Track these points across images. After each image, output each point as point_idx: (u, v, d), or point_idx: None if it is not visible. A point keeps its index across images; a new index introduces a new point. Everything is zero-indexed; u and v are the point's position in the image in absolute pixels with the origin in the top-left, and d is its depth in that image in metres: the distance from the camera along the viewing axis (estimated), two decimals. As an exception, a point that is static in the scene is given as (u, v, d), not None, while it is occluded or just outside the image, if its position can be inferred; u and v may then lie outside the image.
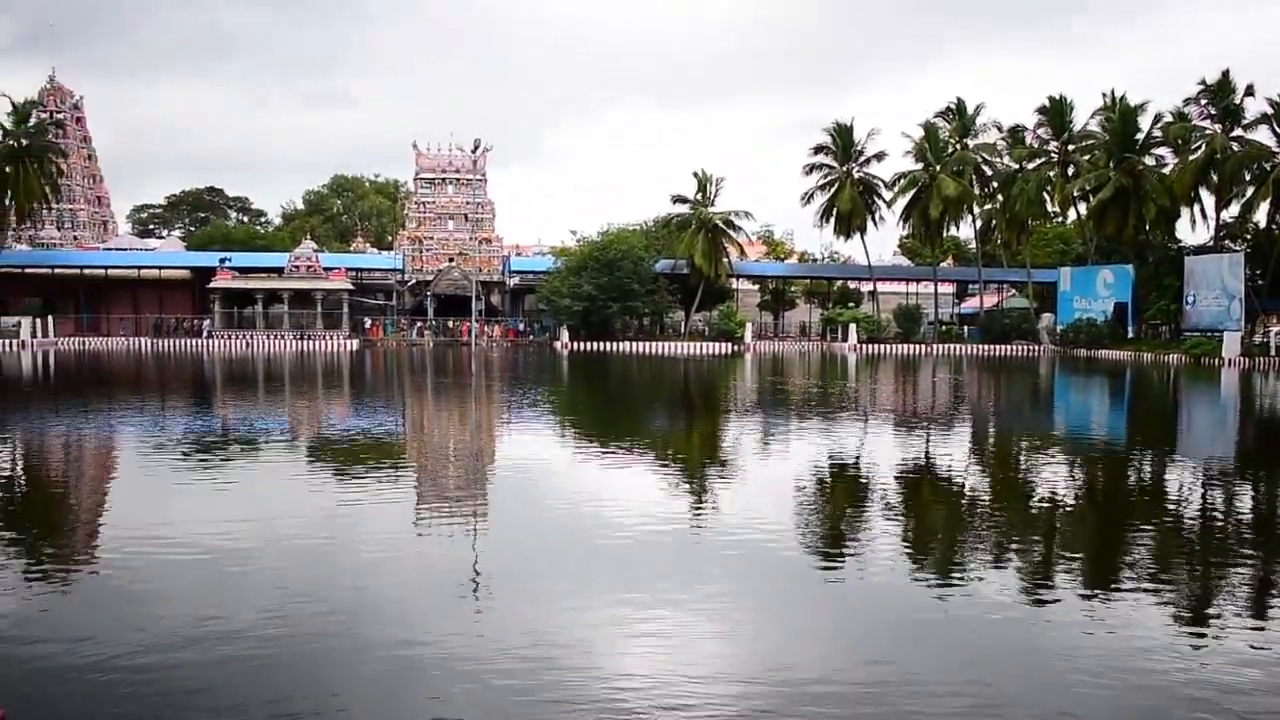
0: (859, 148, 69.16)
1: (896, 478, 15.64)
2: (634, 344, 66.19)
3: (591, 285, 64.79)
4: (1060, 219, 78.13)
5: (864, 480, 15.52)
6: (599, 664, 7.03)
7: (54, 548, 10.69)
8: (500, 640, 7.42)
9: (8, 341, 58.61)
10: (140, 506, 12.97)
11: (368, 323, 71.39)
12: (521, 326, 74.02)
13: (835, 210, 69.00)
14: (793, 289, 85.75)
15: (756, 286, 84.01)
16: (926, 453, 18.75)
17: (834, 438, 20.76)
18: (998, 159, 69.42)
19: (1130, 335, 62.42)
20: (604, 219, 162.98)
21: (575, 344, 65.40)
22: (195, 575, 9.18)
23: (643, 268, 67.21)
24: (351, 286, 69.66)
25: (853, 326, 69.13)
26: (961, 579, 9.42)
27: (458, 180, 74.39)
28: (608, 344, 65.23)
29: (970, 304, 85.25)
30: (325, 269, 69.11)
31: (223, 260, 69.41)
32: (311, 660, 7.06)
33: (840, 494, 14.36)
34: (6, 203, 64.18)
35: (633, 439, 20.71)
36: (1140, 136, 61.02)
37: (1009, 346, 66.64)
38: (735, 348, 65.86)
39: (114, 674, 6.65)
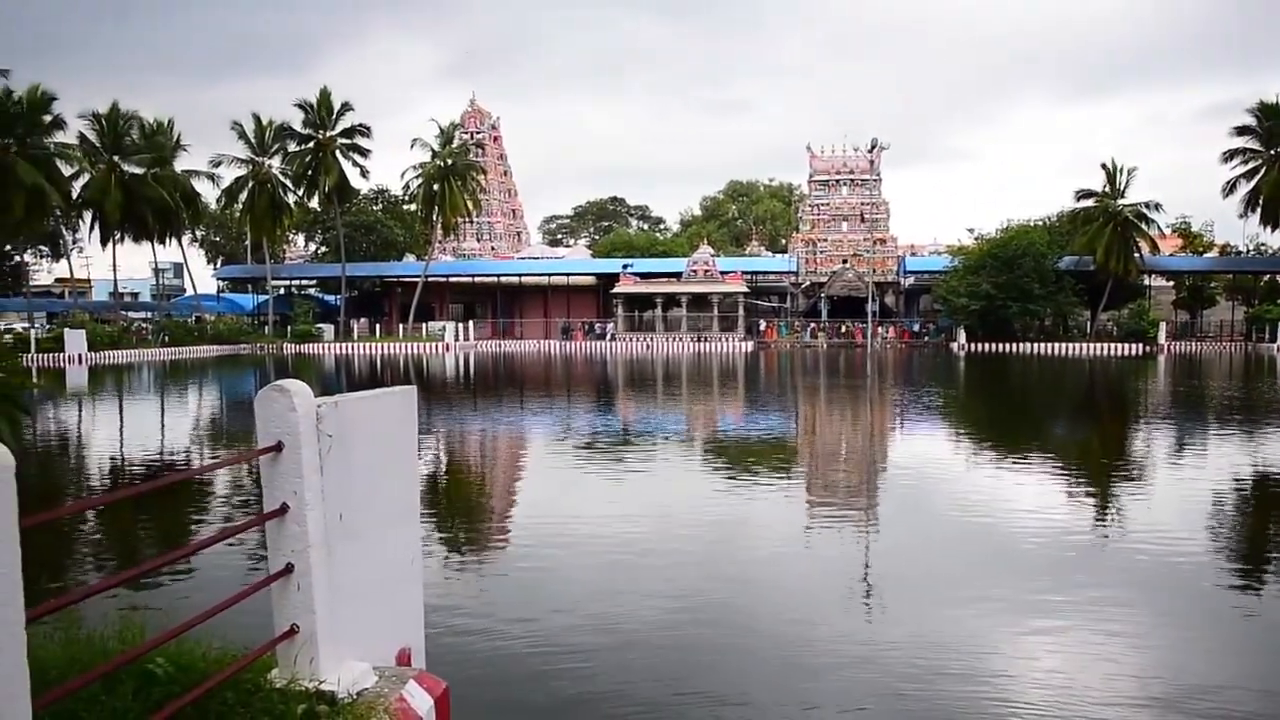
0: (1291, 127, 62.72)
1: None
2: (1034, 345, 63.97)
3: (990, 284, 63.45)
4: None
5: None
6: (991, 673, 7.05)
7: (480, 535, 12.09)
8: (891, 645, 7.58)
9: (434, 344, 65.49)
10: (551, 498, 14.64)
11: (762, 325, 73.48)
12: (916, 327, 73.58)
13: (1261, 197, 63.22)
14: (1212, 285, 79.21)
15: (1171, 283, 78.38)
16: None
17: (1258, 449, 19.64)
18: None
19: None
20: (1003, 216, 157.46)
21: (972, 345, 64.26)
22: (600, 564, 10.21)
23: (1044, 265, 64.87)
24: (746, 289, 72.07)
25: (1283, 325, 63.05)
26: None
27: (852, 181, 75.07)
28: (1006, 345, 63.49)
29: None
30: (721, 273, 71.98)
31: (625, 266, 74.32)
32: (703, 653, 7.46)
33: (1264, 511, 13.62)
34: (434, 217, 71.93)
35: (1032, 444, 20.60)
36: None
37: None
38: (1147, 349, 62.03)
39: (529, 651, 7.44)
